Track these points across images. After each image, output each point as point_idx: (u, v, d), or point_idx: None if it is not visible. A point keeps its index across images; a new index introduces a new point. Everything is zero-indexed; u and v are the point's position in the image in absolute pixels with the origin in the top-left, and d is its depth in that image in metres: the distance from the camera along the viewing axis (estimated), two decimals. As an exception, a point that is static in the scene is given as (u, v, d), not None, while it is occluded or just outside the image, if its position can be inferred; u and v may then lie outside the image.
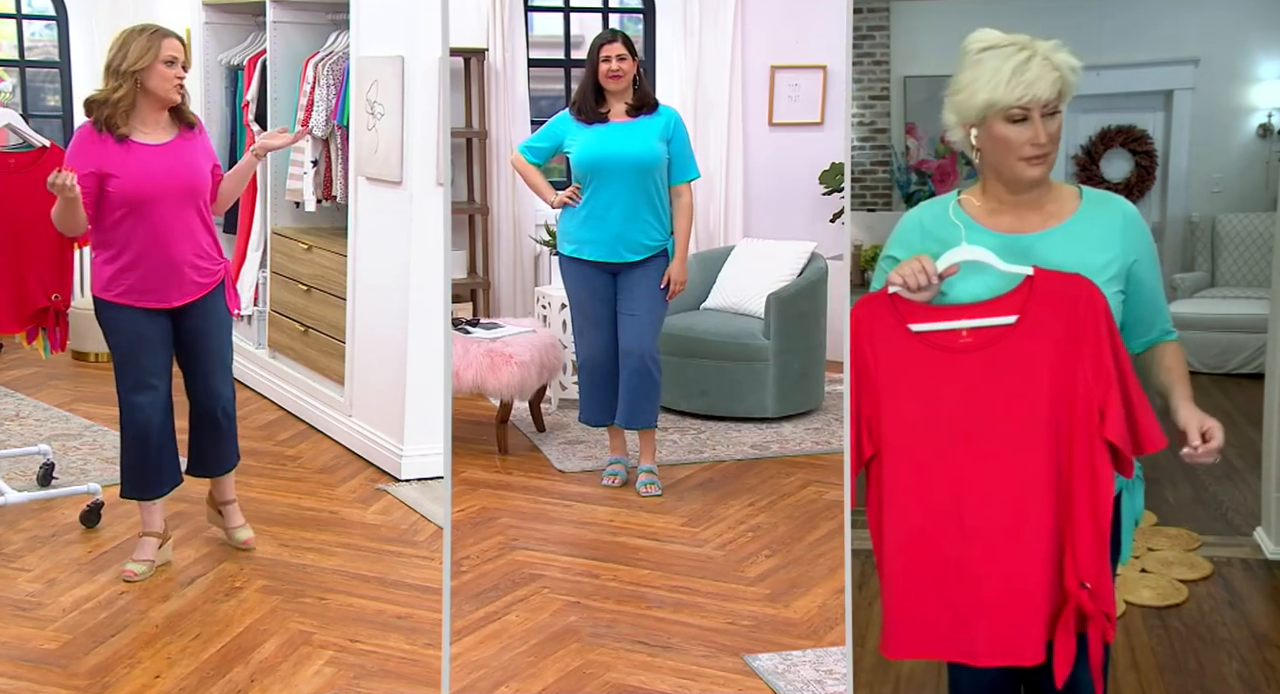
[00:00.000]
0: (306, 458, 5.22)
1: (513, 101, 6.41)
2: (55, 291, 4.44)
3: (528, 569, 4.08)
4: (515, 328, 5.33)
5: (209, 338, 4.02)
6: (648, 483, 4.74)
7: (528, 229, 6.43)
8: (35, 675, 3.40)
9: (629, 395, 4.75)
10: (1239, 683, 3.57)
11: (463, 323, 5.36)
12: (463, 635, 3.63)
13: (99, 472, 4.90)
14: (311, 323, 5.65)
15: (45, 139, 4.44)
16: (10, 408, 5.73)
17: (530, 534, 4.38)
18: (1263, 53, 7.53)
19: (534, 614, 3.78)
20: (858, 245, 6.82)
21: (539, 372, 5.14)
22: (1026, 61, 2.24)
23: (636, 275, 4.72)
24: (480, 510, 4.58)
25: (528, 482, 4.86)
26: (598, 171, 4.64)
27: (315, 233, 5.82)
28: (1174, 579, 4.24)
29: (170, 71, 3.79)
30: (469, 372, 5.02)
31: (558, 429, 5.38)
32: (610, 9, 6.68)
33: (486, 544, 4.27)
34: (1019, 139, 2.26)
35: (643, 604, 3.85)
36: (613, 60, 4.62)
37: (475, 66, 6.32)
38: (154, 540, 4.08)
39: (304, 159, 5.70)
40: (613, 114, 4.68)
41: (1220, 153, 7.64)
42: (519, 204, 6.42)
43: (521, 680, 3.41)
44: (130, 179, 3.78)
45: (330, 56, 5.60)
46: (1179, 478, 5.28)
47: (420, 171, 4.86)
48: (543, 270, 6.42)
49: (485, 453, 5.12)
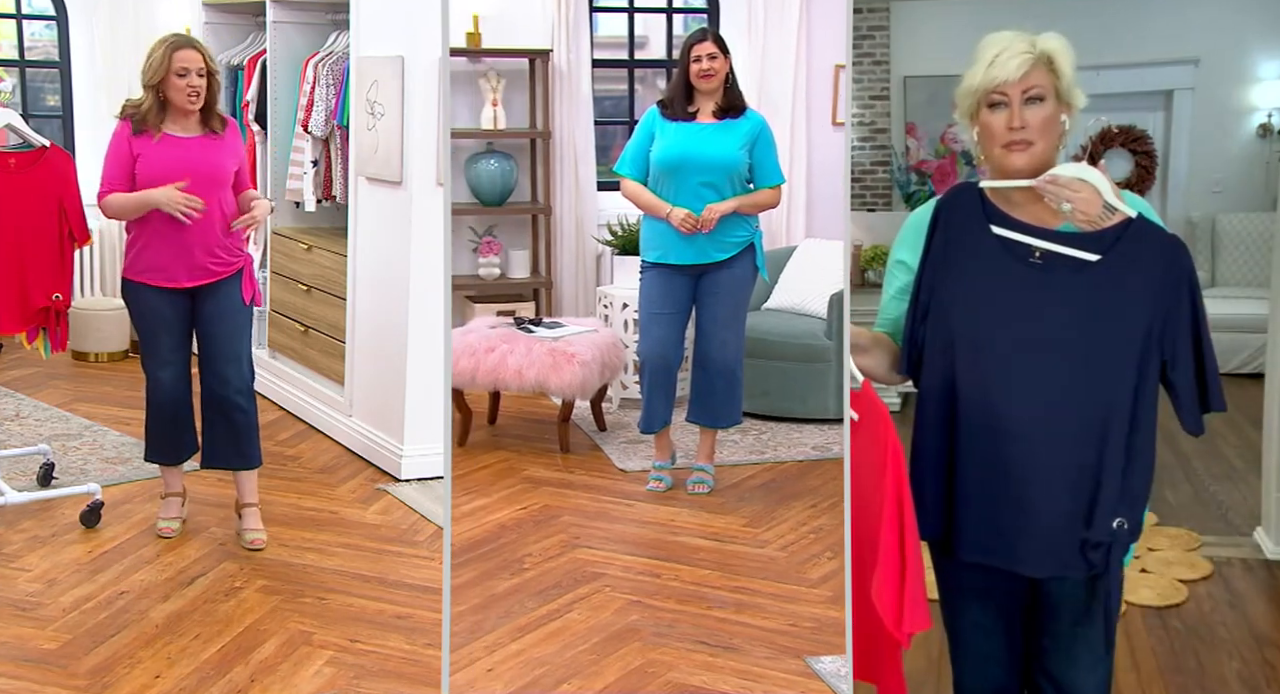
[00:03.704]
0: (306, 458, 5.22)
1: (577, 102, 6.45)
2: (55, 291, 4.44)
3: (589, 567, 4.08)
4: (578, 327, 5.34)
5: (218, 324, 4.19)
6: (698, 482, 4.72)
7: (590, 229, 6.48)
8: (35, 675, 3.40)
9: (716, 395, 4.70)
10: (1239, 683, 3.57)
11: (525, 322, 5.37)
12: (525, 632, 3.64)
13: (99, 472, 4.90)
14: (311, 323, 5.66)
15: (45, 139, 4.43)
16: (10, 408, 5.73)
17: (592, 533, 4.38)
18: (1263, 53, 7.53)
19: (596, 612, 3.78)
20: (858, 245, 6.83)
21: (601, 371, 5.14)
22: (1006, 48, 2.27)
23: (722, 278, 4.65)
24: (542, 509, 4.58)
25: (589, 480, 4.87)
26: (677, 171, 4.59)
27: (315, 233, 5.83)
28: (1174, 579, 4.24)
29: (182, 82, 4.03)
30: (531, 371, 5.03)
31: (619, 428, 5.38)
32: (674, 9, 6.71)
33: (548, 542, 4.28)
34: (998, 125, 2.27)
35: (704, 604, 3.84)
36: (704, 59, 4.56)
37: (540, 67, 6.37)
38: (177, 500, 4.42)
39: (304, 159, 5.70)
40: (701, 114, 4.62)
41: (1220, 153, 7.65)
42: (581, 204, 6.47)
43: (584, 678, 3.41)
44: (151, 163, 4.06)
45: (330, 56, 5.60)
46: (1179, 478, 5.29)
47: (420, 171, 4.86)
48: (604, 270, 6.47)
49: (547, 451, 5.13)
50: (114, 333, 6.61)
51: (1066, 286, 2.23)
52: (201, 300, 4.17)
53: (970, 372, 2.28)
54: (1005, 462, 2.26)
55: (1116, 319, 2.22)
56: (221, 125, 4.15)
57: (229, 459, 4.31)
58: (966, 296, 2.29)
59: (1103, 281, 2.22)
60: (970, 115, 2.33)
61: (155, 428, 4.32)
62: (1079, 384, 2.22)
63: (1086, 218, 2.22)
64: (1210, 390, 2.25)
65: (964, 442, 2.30)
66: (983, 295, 2.28)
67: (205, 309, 4.18)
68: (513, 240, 6.44)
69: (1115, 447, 2.23)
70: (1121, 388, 2.22)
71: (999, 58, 2.26)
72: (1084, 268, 2.22)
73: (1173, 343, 2.22)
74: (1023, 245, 2.26)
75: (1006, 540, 2.30)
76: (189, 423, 4.34)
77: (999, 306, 2.26)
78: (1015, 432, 2.25)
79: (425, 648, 3.59)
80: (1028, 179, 2.27)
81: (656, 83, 6.90)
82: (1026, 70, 2.25)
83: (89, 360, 6.56)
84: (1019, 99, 2.26)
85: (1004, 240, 2.27)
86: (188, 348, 4.26)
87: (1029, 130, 2.26)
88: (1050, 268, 2.24)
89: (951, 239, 2.31)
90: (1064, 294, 2.23)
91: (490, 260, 6.34)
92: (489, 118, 6.29)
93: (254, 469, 4.34)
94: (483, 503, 4.63)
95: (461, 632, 3.65)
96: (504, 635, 3.61)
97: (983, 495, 2.30)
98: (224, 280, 4.17)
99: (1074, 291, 2.23)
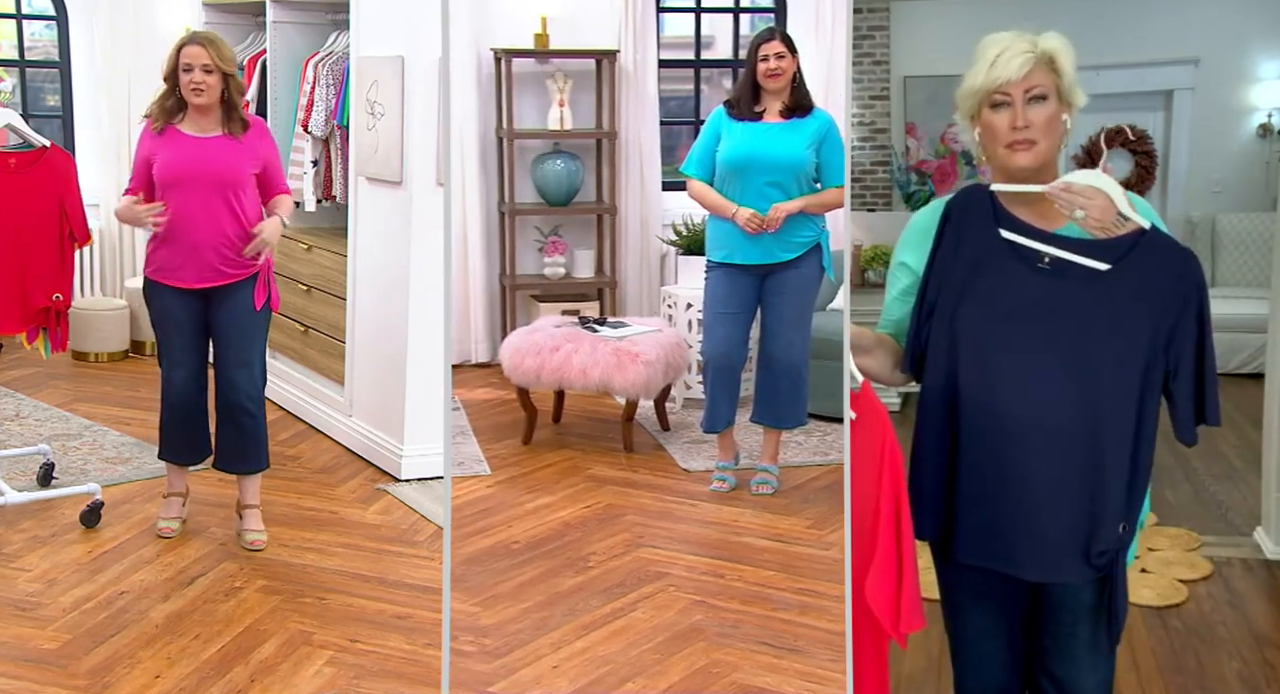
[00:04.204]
0: (306, 458, 5.22)
1: (643, 102, 6.49)
2: (56, 291, 4.44)
3: (653, 567, 4.10)
4: (642, 327, 5.36)
5: (229, 328, 4.19)
6: (762, 482, 4.72)
7: (655, 229, 6.52)
8: (35, 675, 3.40)
9: (781, 395, 4.69)
10: (1239, 683, 3.57)
11: (590, 322, 5.40)
12: (590, 630, 3.66)
13: (99, 472, 4.90)
14: (311, 323, 5.65)
15: (45, 139, 4.43)
16: (10, 408, 5.73)
17: (656, 532, 4.39)
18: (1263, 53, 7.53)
19: (660, 612, 3.79)
20: (858, 245, 6.82)
21: (665, 371, 5.15)
22: (1008, 47, 2.27)
23: (789, 278, 4.64)
24: (606, 507, 4.61)
25: (653, 480, 4.89)
26: (743, 171, 4.57)
27: (315, 233, 5.82)
28: (1174, 579, 4.24)
29: (186, 78, 4.04)
30: (596, 370, 5.05)
31: (682, 428, 5.40)
32: (742, 9, 6.72)
33: (612, 541, 4.29)
34: (1001, 124, 2.27)
35: (768, 605, 3.84)
36: (771, 58, 4.54)
37: (607, 68, 6.41)
38: (178, 499, 4.40)
39: (304, 159, 5.70)
40: (767, 114, 4.61)
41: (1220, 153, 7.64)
42: (646, 204, 6.51)
43: (648, 677, 3.42)
44: (165, 162, 4.07)
45: (330, 56, 5.60)
46: (1179, 478, 5.28)
47: (420, 171, 4.86)
48: (669, 270, 6.50)
49: (611, 451, 5.16)
50: (114, 333, 6.61)
51: (1075, 293, 2.22)
52: (215, 303, 4.16)
53: (973, 373, 2.28)
54: (1007, 466, 2.26)
55: (1124, 329, 2.21)
56: (242, 127, 4.12)
57: (233, 462, 4.31)
58: (972, 298, 2.28)
59: (1113, 291, 2.21)
60: (972, 116, 2.33)
61: (167, 427, 4.32)
62: (1083, 391, 2.21)
63: (1100, 226, 2.21)
64: (1207, 404, 2.25)
65: (965, 444, 2.30)
66: (988, 298, 2.27)
67: (217, 313, 4.17)
68: (578, 240, 6.50)
69: (1119, 455, 2.22)
70: (1126, 397, 2.21)
71: (1000, 57, 2.26)
72: (1094, 276, 2.21)
73: (1177, 354, 2.22)
74: (1031, 249, 2.25)
75: (1006, 544, 2.30)
76: (201, 425, 4.32)
77: (1005, 310, 2.26)
78: (1017, 435, 2.24)
79: (425, 648, 3.59)
80: (1037, 183, 2.26)
81: (722, 83, 6.94)
82: (1029, 69, 2.25)
83: (89, 360, 6.56)
84: (1022, 98, 2.26)
85: (1013, 243, 2.27)
86: (201, 350, 4.25)
87: (1032, 130, 2.26)
88: (1059, 274, 2.23)
89: (960, 240, 2.31)
90: (1072, 301, 2.22)
91: (555, 260, 6.41)
92: (555, 118, 6.36)
93: (258, 473, 4.35)
94: (547, 501, 4.66)
95: (527, 628, 3.68)
96: (569, 633, 3.64)
97: (982, 498, 2.30)
98: (238, 284, 4.15)
99: (1082, 299, 2.22)
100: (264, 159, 4.19)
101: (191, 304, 4.16)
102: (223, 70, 4.05)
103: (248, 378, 4.21)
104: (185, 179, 4.04)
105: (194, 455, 4.37)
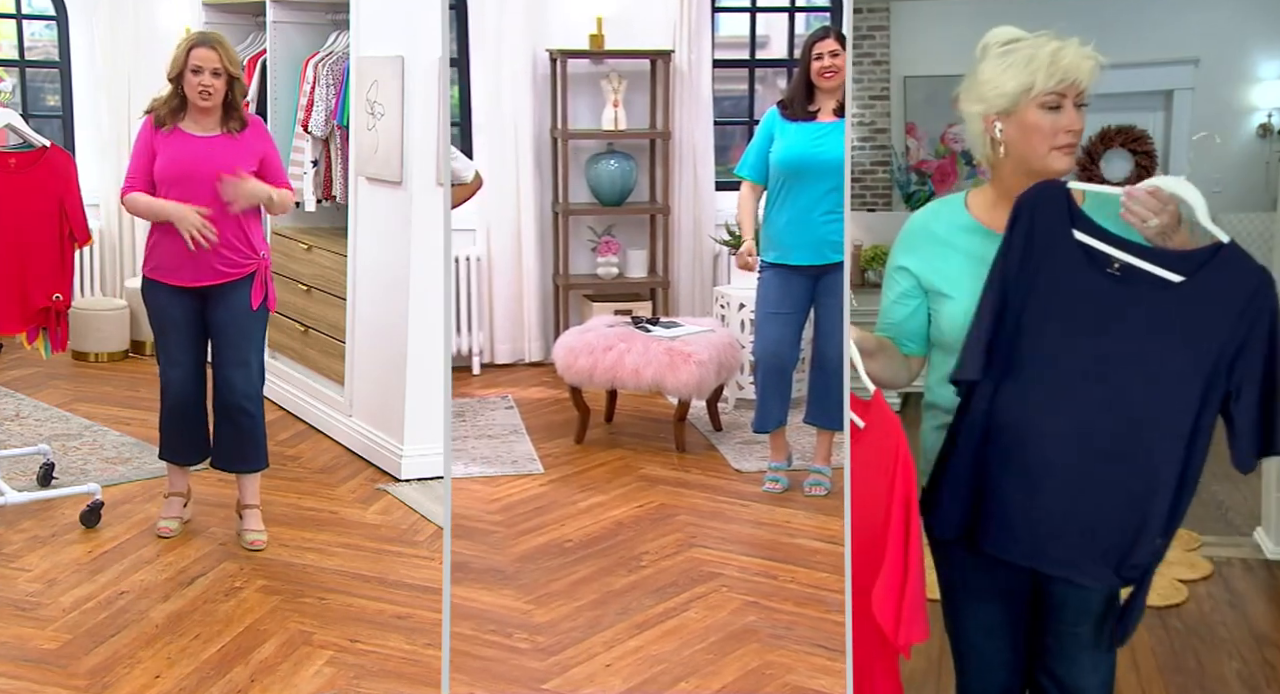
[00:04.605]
0: (306, 458, 5.22)
1: (697, 102, 6.51)
2: (56, 291, 4.44)
3: (705, 567, 4.11)
4: (694, 327, 5.37)
5: (225, 327, 4.19)
6: (815, 484, 4.73)
7: (708, 229, 6.55)
8: (35, 675, 3.40)
9: (834, 396, 4.66)
10: (1239, 683, 3.57)
11: (642, 321, 5.41)
12: (643, 629, 3.67)
13: (99, 472, 4.90)
14: (311, 323, 5.65)
15: (45, 139, 4.43)
16: (10, 408, 5.73)
17: (708, 532, 4.41)
18: (1263, 53, 7.53)
19: (713, 612, 3.80)
20: (858, 245, 6.82)
21: (717, 371, 5.16)
22: (1061, 49, 2.23)
23: (841, 278, 4.58)
24: (658, 507, 4.63)
25: (705, 480, 4.91)
26: (799, 172, 4.58)
27: (315, 233, 5.82)
28: (1174, 579, 4.24)
29: (195, 80, 4.05)
30: (648, 370, 5.07)
31: (734, 428, 5.41)
32: (797, 8, 6.73)
33: (665, 540, 4.31)
34: (1054, 126, 2.23)
35: (822, 607, 3.84)
36: (826, 57, 4.54)
37: (661, 68, 6.43)
38: (179, 499, 4.40)
39: (304, 159, 5.70)
40: (821, 113, 4.61)
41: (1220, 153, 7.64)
42: (700, 204, 6.54)
43: (701, 677, 3.42)
44: (166, 160, 4.09)
45: (330, 56, 5.60)
46: (1179, 478, 5.28)
47: (420, 171, 4.86)
48: (721, 270, 6.53)
49: (663, 450, 5.19)
50: (114, 333, 6.61)
51: (1143, 303, 2.16)
52: (212, 303, 4.17)
53: (1029, 371, 2.21)
54: (1053, 468, 2.20)
55: (1189, 344, 2.14)
56: (240, 126, 4.14)
57: (232, 462, 4.32)
58: (1037, 298, 2.22)
59: (1182, 305, 2.14)
60: (1001, 113, 2.27)
61: (166, 426, 4.34)
62: (1139, 401, 2.15)
63: (1161, 236, 2.16)
64: (1275, 433, 2.16)
65: (1006, 442, 2.24)
66: (1053, 299, 2.21)
67: (214, 312, 4.18)
68: (631, 240, 6.54)
69: (1169, 470, 2.16)
70: (1183, 411, 2.15)
71: (1064, 58, 2.21)
72: (1165, 287, 2.15)
73: (1240, 378, 2.13)
74: (1103, 253, 2.19)
75: (1038, 542, 2.24)
76: (199, 424, 4.33)
77: (1069, 313, 2.20)
78: (1067, 439, 2.19)
79: (425, 648, 3.59)
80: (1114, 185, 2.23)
81: (777, 83, 6.97)
82: (1094, 75, 2.22)
83: (89, 360, 6.55)
84: (1073, 100, 2.23)
85: (1085, 246, 2.21)
86: (199, 349, 4.25)
87: (1078, 133, 2.23)
88: (1128, 281, 2.17)
89: (1030, 238, 2.23)
90: (1139, 311, 2.16)
91: (608, 260, 6.46)
92: (610, 118, 6.40)
93: (257, 472, 4.34)
94: (600, 500, 4.70)
95: (580, 626, 3.70)
96: (622, 632, 3.66)
97: (1020, 497, 2.24)
98: (234, 283, 4.15)
99: (1150, 309, 2.16)
100: (261, 156, 4.19)
101: (189, 303, 4.16)
102: (230, 73, 4.07)
103: (244, 377, 4.21)
104: (185, 177, 4.06)
105: (193, 455, 4.37)
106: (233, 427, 4.26)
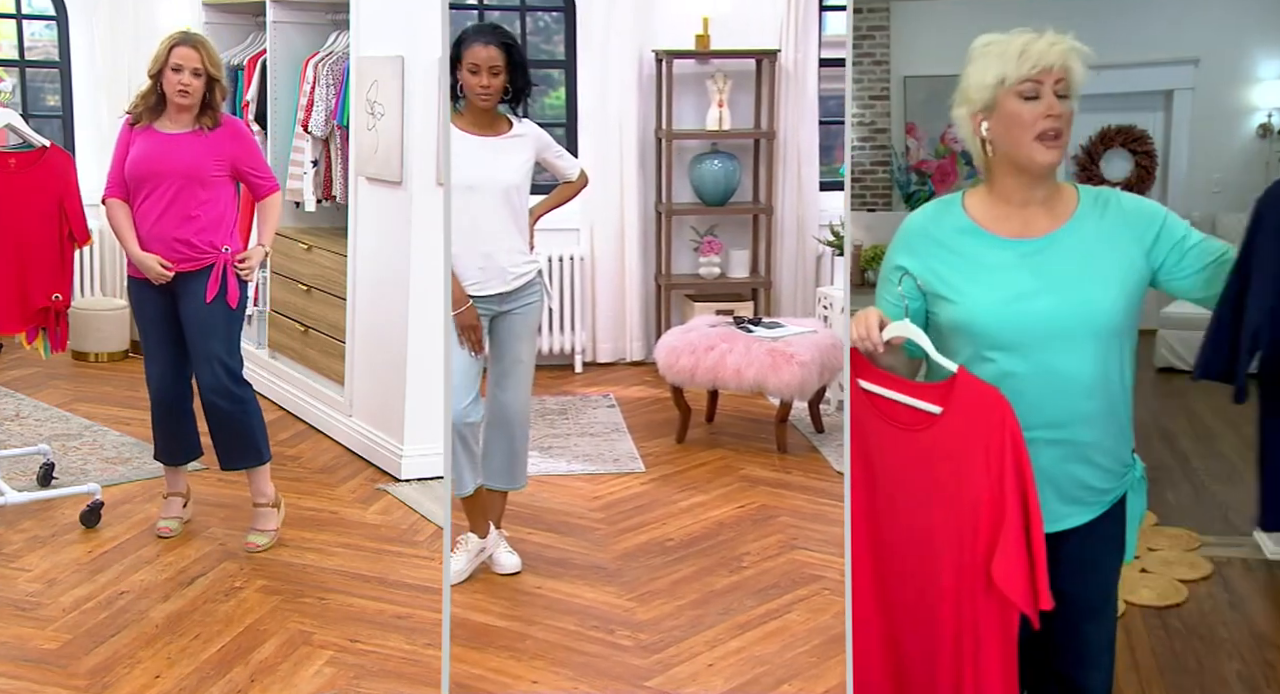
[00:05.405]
0: (306, 458, 5.22)
1: (803, 102, 6.52)
2: (55, 291, 4.44)
3: (807, 569, 4.11)
4: (797, 328, 5.37)
5: (189, 322, 4.17)
6: None
7: (811, 229, 6.55)
8: (35, 675, 3.40)
9: None
10: (1239, 683, 3.57)
11: (745, 322, 5.42)
12: (745, 630, 3.68)
13: (99, 472, 4.90)
14: (311, 323, 5.65)
15: (45, 139, 4.43)
16: (10, 408, 5.73)
17: (810, 534, 4.40)
18: (1263, 53, 7.52)
19: (815, 615, 3.79)
20: (858, 245, 6.82)
21: (820, 372, 5.16)
22: (1034, 39, 2.25)
23: None
24: (759, 508, 4.63)
25: (806, 482, 4.91)
26: None
27: (315, 233, 5.82)
28: (1174, 579, 4.24)
29: (176, 77, 4.05)
30: (750, 370, 5.07)
31: (836, 430, 5.40)
32: None
33: (766, 542, 4.31)
34: (1032, 115, 2.23)
35: None
36: None
37: (766, 67, 6.44)
38: (178, 499, 4.42)
39: (304, 159, 5.70)
40: None
41: (1220, 153, 7.63)
42: (803, 204, 6.54)
43: (804, 680, 3.42)
44: (133, 159, 4.11)
45: (330, 56, 5.60)
46: (1179, 478, 5.28)
47: (420, 171, 4.86)
48: (824, 270, 6.54)
49: (764, 451, 5.20)
50: (114, 333, 6.61)
51: None
52: (179, 298, 4.16)
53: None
54: None
55: None
56: (212, 124, 4.12)
57: (220, 458, 4.32)
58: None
59: None
60: (986, 109, 2.28)
61: (153, 425, 4.35)
62: None
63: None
64: None
65: None
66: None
67: (180, 310, 4.17)
68: (734, 240, 6.55)
69: None
70: None
71: (1032, 47, 2.23)
72: None
73: None
74: None
75: None
76: (183, 423, 4.34)
77: None
78: None
79: (425, 648, 3.59)
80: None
81: None
82: (1065, 61, 2.23)
83: (89, 360, 6.55)
84: (1052, 89, 2.23)
85: None
86: (176, 346, 4.22)
87: (1062, 119, 2.23)
88: None
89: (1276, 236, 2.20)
90: None
91: (711, 259, 6.48)
92: (714, 118, 6.42)
93: (252, 467, 4.32)
94: (701, 500, 4.71)
95: (682, 625, 3.71)
96: (724, 632, 3.66)
97: None
98: (193, 275, 4.11)
99: None
100: (232, 158, 4.16)
101: (159, 300, 4.18)
102: (210, 74, 4.07)
103: (210, 373, 4.16)
104: (151, 175, 4.09)
105: (181, 454, 4.38)
106: (213, 423, 4.25)
